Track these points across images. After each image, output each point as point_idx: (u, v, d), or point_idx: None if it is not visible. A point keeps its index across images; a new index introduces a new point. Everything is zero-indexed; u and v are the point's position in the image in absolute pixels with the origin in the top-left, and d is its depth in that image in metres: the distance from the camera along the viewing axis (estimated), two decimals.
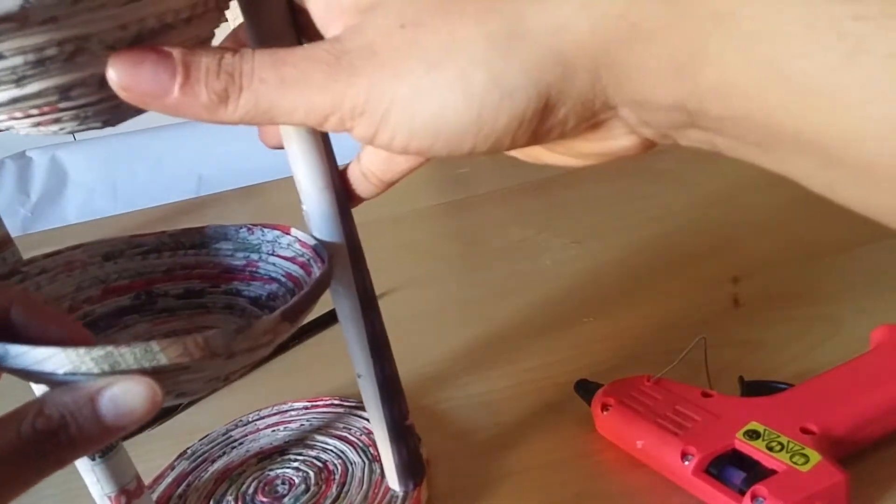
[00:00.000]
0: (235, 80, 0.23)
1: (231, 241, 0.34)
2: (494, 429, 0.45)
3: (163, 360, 0.22)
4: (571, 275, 0.62)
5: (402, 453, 0.37)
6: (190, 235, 0.34)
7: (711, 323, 0.51)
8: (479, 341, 0.54)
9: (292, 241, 0.33)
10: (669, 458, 0.37)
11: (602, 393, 0.42)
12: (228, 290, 0.34)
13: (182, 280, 0.34)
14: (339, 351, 0.55)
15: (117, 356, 0.22)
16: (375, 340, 0.35)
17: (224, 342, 0.24)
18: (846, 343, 0.47)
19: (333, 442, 0.44)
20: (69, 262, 0.32)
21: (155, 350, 0.22)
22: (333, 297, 0.34)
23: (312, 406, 0.48)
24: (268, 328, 0.25)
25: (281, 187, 1.04)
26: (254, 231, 0.34)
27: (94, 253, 0.33)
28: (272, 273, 0.33)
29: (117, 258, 0.33)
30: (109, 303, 0.33)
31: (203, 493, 0.42)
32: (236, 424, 0.48)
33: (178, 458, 0.45)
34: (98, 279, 0.33)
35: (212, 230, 0.34)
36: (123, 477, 0.35)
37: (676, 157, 0.85)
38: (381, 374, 0.36)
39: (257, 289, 0.33)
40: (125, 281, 0.33)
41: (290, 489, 0.41)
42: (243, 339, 0.24)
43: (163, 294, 0.34)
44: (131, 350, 0.22)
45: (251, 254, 0.34)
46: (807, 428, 0.36)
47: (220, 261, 0.34)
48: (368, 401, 0.36)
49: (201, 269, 0.34)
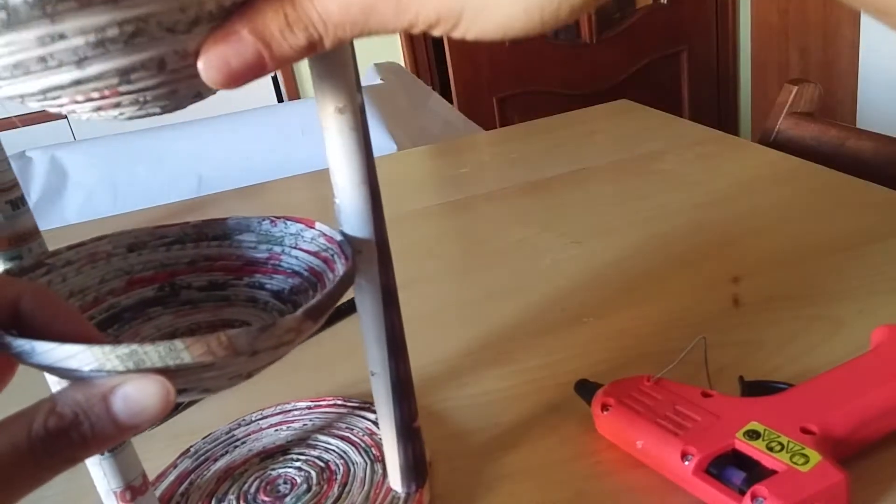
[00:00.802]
0: (313, 22, 0.23)
1: (254, 233, 0.34)
2: (494, 429, 0.45)
3: (187, 359, 0.23)
4: (571, 275, 0.62)
5: (408, 454, 0.37)
6: (213, 227, 0.34)
7: (711, 323, 0.52)
8: (478, 341, 0.54)
9: (317, 236, 0.32)
10: (669, 458, 0.37)
11: (602, 393, 0.42)
12: (251, 282, 0.34)
13: (205, 272, 0.34)
14: (343, 350, 0.56)
15: (141, 354, 0.22)
16: (394, 338, 0.35)
17: (248, 341, 0.24)
18: (846, 343, 0.47)
19: (336, 442, 0.44)
20: (93, 253, 0.32)
21: (179, 348, 0.22)
22: (356, 291, 0.34)
23: (315, 406, 0.48)
24: (291, 326, 0.25)
25: (280, 187, 1.05)
26: (276, 223, 0.34)
27: (119, 244, 0.33)
28: (295, 267, 0.33)
29: (141, 249, 0.33)
30: (133, 294, 0.33)
31: (205, 491, 0.42)
32: (239, 423, 0.48)
33: (181, 457, 0.45)
34: (122, 270, 0.33)
35: (234, 222, 0.34)
36: (130, 473, 0.36)
37: (677, 158, 0.86)
38: (396, 373, 0.36)
39: (280, 282, 0.33)
40: (149, 272, 0.33)
41: (291, 489, 0.41)
42: (267, 337, 0.24)
43: (186, 286, 0.34)
44: (155, 348, 0.22)
45: (274, 246, 0.34)
46: (807, 428, 0.36)
47: (243, 253, 0.34)
48: (379, 399, 0.36)
49: (224, 261, 0.34)
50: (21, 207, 0.32)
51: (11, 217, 0.31)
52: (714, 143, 0.89)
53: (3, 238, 0.31)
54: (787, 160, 0.80)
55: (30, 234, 0.32)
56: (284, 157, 1.18)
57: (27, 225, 0.32)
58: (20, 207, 0.31)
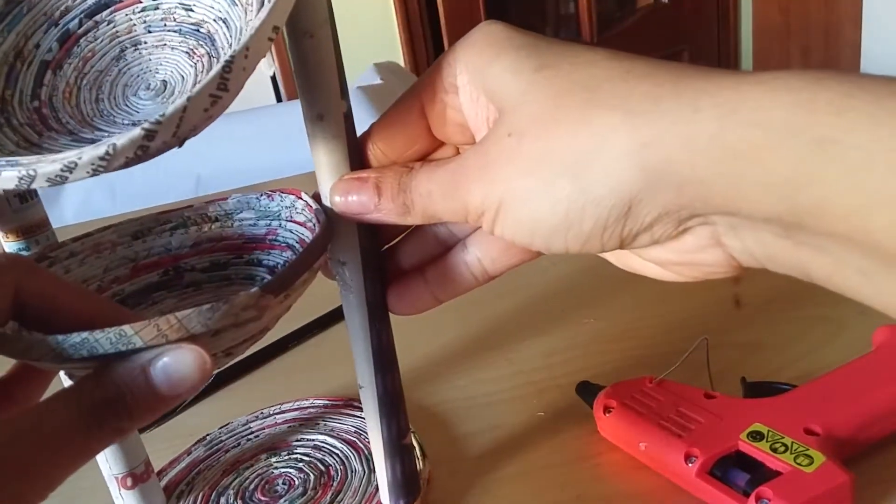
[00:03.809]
0: (409, 196, 0.28)
1: (253, 210, 0.34)
2: (494, 431, 0.44)
3: (138, 343, 0.22)
4: (572, 275, 0.62)
5: (395, 471, 0.36)
6: (214, 208, 0.34)
7: (713, 324, 0.51)
8: (478, 342, 0.54)
9: (303, 206, 0.32)
10: (673, 461, 0.37)
11: (604, 395, 0.41)
12: (250, 259, 0.34)
13: (208, 253, 0.34)
14: None
15: (93, 342, 0.22)
16: (381, 353, 0.34)
17: (200, 321, 0.23)
18: (848, 344, 0.47)
19: (342, 447, 0.44)
20: (98, 243, 0.33)
21: (129, 334, 0.22)
22: (343, 301, 0.33)
23: (332, 405, 0.48)
24: (248, 304, 0.24)
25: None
26: (273, 197, 0.34)
27: (124, 233, 0.33)
28: (289, 240, 0.33)
29: (146, 236, 0.34)
30: (138, 281, 0.33)
31: (208, 482, 0.42)
32: (257, 416, 0.48)
33: (196, 444, 0.46)
34: (127, 258, 0.33)
35: (234, 201, 0.34)
36: (133, 460, 0.36)
37: None
38: (383, 388, 0.35)
39: (275, 257, 0.33)
40: (153, 258, 0.34)
41: (288, 490, 0.41)
42: (222, 316, 0.24)
43: (189, 269, 0.34)
44: (106, 335, 0.22)
45: (272, 221, 0.34)
46: (810, 429, 0.36)
47: (244, 231, 0.34)
48: (368, 413, 0.36)
49: (226, 241, 0.34)
50: (31, 200, 0.32)
51: (20, 210, 0.32)
52: None
53: (13, 229, 0.32)
54: None
55: (38, 226, 0.33)
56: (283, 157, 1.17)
57: (36, 217, 0.33)
58: (29, 200, 0.32)
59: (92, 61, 0.29)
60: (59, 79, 0.28)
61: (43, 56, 0.28)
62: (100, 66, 0.29)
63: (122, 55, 0.29)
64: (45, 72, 0.28)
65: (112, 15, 0.29)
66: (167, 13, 0.29)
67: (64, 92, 0.28)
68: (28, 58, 0.28)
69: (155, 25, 0.29)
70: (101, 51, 0.29)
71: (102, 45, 0.29)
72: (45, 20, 0.29)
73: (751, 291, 0.54)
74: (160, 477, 0.43)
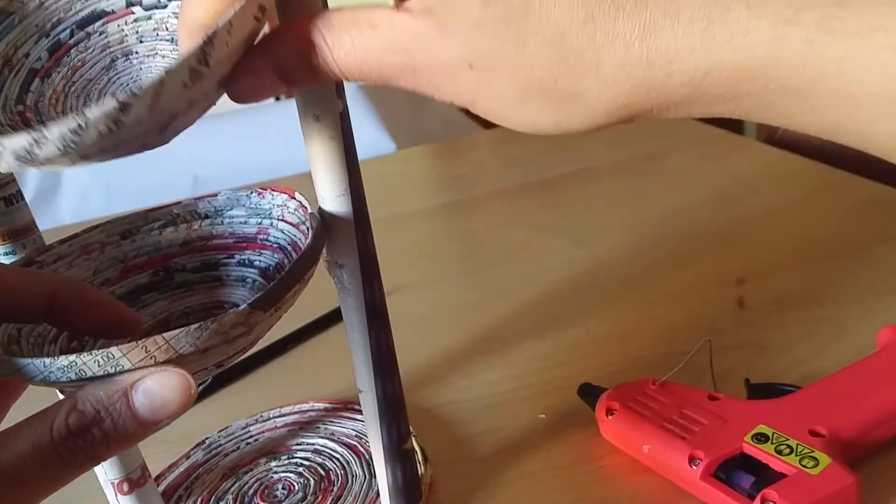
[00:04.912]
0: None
1: (244, 208, 0.33)
2: (496, 433, 0.44)
3: (126, 366, 0.22)
4: (574, 276, 0.61)
5: (396, 476, 0.36)
6: (203, 204, 0.34)
7: (716, 325, 0.51)
8: (480, 344, 0.54)
9: (297, 207, 0.32)
10: (677, 463, 0.36)
11: (606, 397, 0.41)
12: (241, 260, 0.33)
13: (198, 252, 0.33)
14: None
15: (81, 365, 0.22)
16: (380, 357, 0.33)
17: (189, 341, 0.23)
18: (852, 345, 0.46)
19: (342, 451, 0.43)
20: (86, 245, 0.32)
21: (117, 356, 0.22)
22: (342, 305, 0.33)
23: (332, 409, 0.47)
24: (237, 321, 0.24)
25: None
26: (264, 195, 0.33)
27: (113, 232, 0.33)
28: (280, 241, 0.32)
29: (135, 235, 0.33)
30: (128, 283, 0.32)
31: (207, 487, 0.42)
32: (257, 419, 0.47)
33: (196, 448, 0.45)
34: (117, 259, 0.32)
35: (224, 198, 0.34)
36: (129, 465, 0.36)
37: (681, 157, 0.85)
38: (383, 394, 0.34)
39: (267, 258, 0.32)
40: (143, 258, 0.33)
41: (288, 494, 0.40)
42: (210, 335, 0.23)
43: (180, 269, 0.33)
44: (94, 357, 0.22)
45: (263, 219, 0.33)
46: (815, 430, 0.36)
47: (234, 229, 0.33)
48: (368, 418, 0.35)
49: (217, 240, 0.33)
50: (16, 203, 0.32)
51: (6, 213, 0.31)
52: (719, 143, 0.88)
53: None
54: (792, 160, 0.79)
55: (24, 230, 0.32)
56: (280, 156, 1.17)
57: (23, 220, 0.32)
58: (14, 203, 0.32)
59: (81, 70, 0.29)
60: (47, 86, 0.28)
61: (32, 64, 0.28)
62: (89, 76, 0.29)
63: (112, 65, 0.29)
64: (33, 79, 0.28)
65: (104, 26, 0.29)
66: (160, 23, 0.29)
67: (50, 98, 0.28)
68: (16, 66, 0.28)
69: (147, 35, 0.29)
70: (91, 60, 0.29)
71: (93, 56, 0.29)
72: (37, 31, 0.28)
73: (754, 292, 0.54)
74: (158, 481, 0.43)
